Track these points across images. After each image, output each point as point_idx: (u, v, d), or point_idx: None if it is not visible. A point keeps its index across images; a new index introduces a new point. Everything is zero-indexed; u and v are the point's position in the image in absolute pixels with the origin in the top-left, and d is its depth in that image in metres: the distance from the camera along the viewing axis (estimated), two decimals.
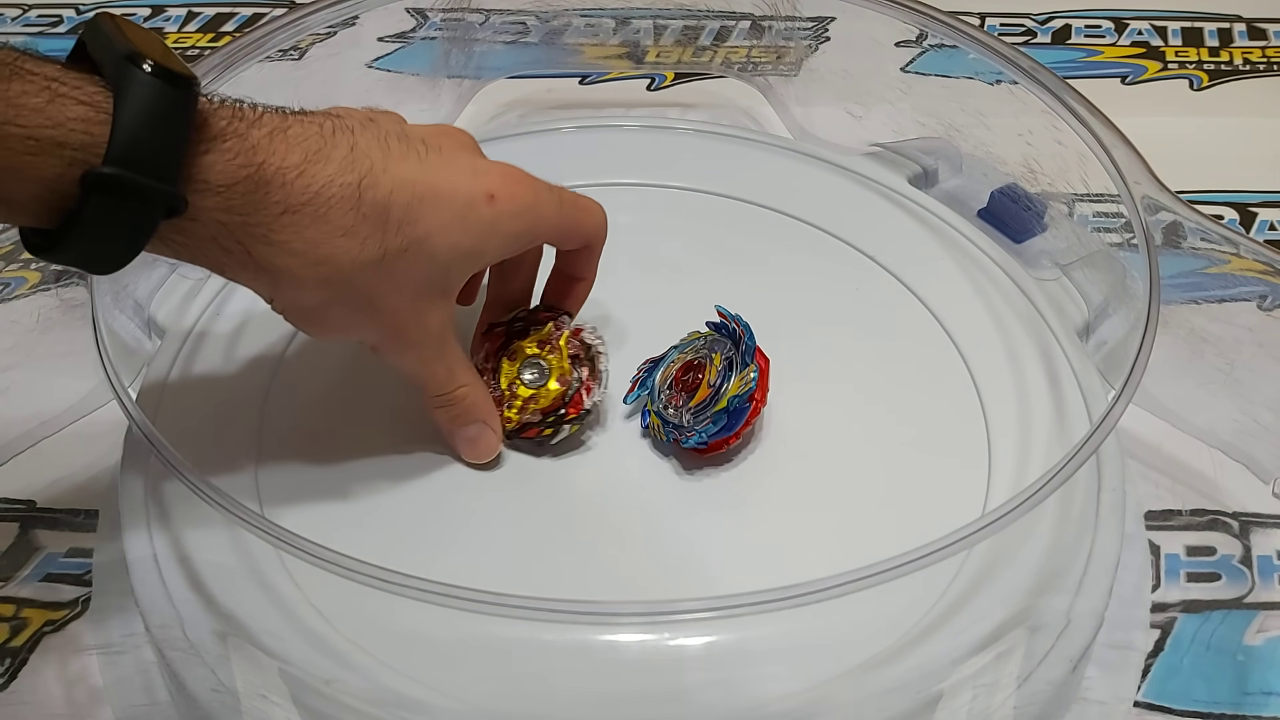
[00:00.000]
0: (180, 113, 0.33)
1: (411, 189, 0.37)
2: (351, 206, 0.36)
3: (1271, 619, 0.44)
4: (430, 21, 0.66)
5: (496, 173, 0.40)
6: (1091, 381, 0.46)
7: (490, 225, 0.39)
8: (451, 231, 0.38)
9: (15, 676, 0.42)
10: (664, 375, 0.44)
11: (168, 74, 0.33)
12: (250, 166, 0.34)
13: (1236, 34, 0.74)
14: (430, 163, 0.38)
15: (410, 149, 0.38)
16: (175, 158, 0.33)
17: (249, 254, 0.36)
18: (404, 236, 0.37)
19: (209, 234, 0.35)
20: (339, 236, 0.36)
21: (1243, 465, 0.47)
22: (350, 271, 0.37)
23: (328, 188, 0.36)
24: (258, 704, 0.38)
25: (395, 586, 0.33)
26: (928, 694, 0.37)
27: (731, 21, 0.67)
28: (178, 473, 0.36)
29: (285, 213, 0.35)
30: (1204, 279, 0.47)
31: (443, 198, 0.38)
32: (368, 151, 0.37)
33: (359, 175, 0.36)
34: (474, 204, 0.38)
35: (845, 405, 0.46)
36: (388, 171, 0.37)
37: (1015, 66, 0.51)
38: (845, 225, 0.53)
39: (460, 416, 0.42)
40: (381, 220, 0.37)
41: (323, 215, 0.36)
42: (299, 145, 0.36)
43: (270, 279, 0.37)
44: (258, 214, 0.35)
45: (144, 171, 0.32)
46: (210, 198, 0.34)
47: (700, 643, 0.38)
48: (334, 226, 0.36)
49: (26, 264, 0.54)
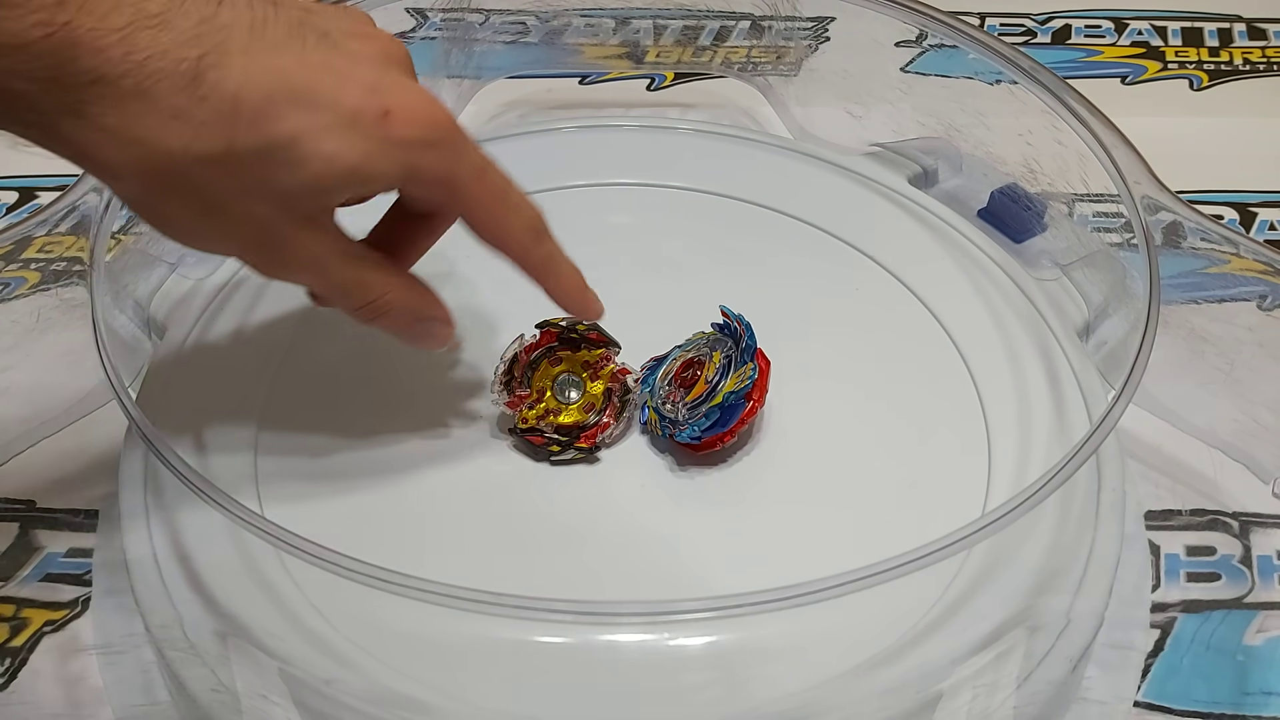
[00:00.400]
0: None
1: (276, 80, 0.31)
2: (185, 85, 0.31)
3: (1271, 619, 0.44)
4: (430, 21, 0.66)
5: (403, 93, 0.33)
6: (1091, 381, 0.46)
7: (381, 144, 0.33)
8: (328, 139, 0.32)
9: (15, 676, 0.42)
10: (665, 372, 0.44)
11: None
12: (53, 26, 0.29)
13: (1236, 34, 0.74)
14: (315, 58, 0.32)
15: (294, 38, 0.32)
16: None
17: (55, 126, 0.31)
18: (261, 134, 0.31)
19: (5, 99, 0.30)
20: (165, 117, 0.31)
21: (1243, 465, 0.47)
22: (183, 162, 0.31)
23: (155, 59, 0.30)
24: (258, 704, 0.38)
25: (395, 586, 0.33)
26: (928, 694, 0.37)
27: (731, 21, 0.67)
28: (178, 473, 0.36)
29: (96, 82, 0.30)
30: (1204, 279, 0.47)
31: (320, 100, 0.32)
32: (228, 26, 0.31)
33: (203, 50, 0.31)
34: (360, 116, 0.32)
35: (845, 405, 0.46)
36: (248, 54, 0.31)
37: (1015, 66, 0.51)
38: (845, 225, 0.53)
39: (397, 321, 0.37)
40: (228, 108, 0.31)
41: (145, 90, 0.30)
42: (129, 7, 0.30)
43: (82, 158, 0.32)
44: (60, 82, 0.30)
45: None
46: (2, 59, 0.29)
47: (700, 643, 0.38)
48: (158, 105, 0.31)
49: (26, 264, 0.54)
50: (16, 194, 0.62)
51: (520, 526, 0.41)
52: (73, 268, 0.52)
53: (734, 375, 0.42)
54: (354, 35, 0.34)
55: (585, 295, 0.40)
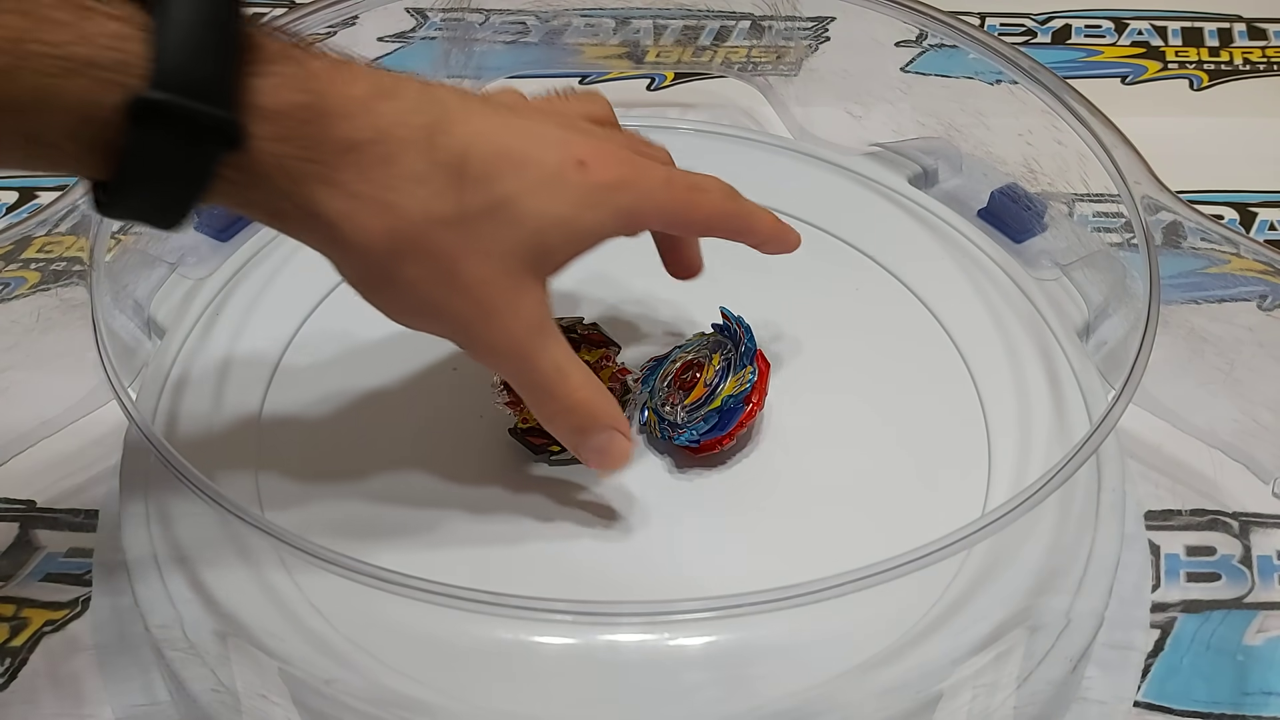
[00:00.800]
0: (229, 25, 0.29)
1: (492, 142, 0.33)
2: (423, 150, 0.32)
3: (1271, 619, 0.44)
4: (430, 21, 0.66)
5: (591, 143, 0.36)
6: (1091, 381, 0.46)
7: (585, 194, 0.34)
8: (540, 196, 0.34)
9: (15, 676, 0.42)
10: (664, 373, 0.44)
11: None
12: (309, 94, 0.31)
13: (1236, 34, 0.74)
14: (514, 124, 0.34)
15: (490, 108, 0.34)
16: (228, 76, 0.29)
17: (309, 197, 0.32)
18: (484, 195, 0.33)
19: (264, 170, 0.31)
20: (409, 181, 0.32)
21: (1243, 465, 0.47)
22: (423, 224, 0.32)
23: (396, 127, 0.32)
24: (258, 704, 0.38)
25: (395, 586, 0.33)
26: (928, 694, 0.37)
27: (731, 21, 0.67)
28: (178, 473, 0.36)
29: (348, 150, 0.31)
30: (1204, 279, 0.47)
31: (528, 160, 0.34)
32: (442, 97, 0.33)
33: (432, 117, 0.32)
34: (562, 169, 0.34)
35: (845, 405, 0.46)
36: (466, 120, 0.33)
37: (1015, 66, 0.51)
38: (845, 225, 0.53)
39: (583, 425, 0.37)
40: (457, 171, 0.33)
41: (391, 156, 0.32)
42: (364, 78, 0.32)
43: (331, 231, 0.32)
44: (317, 149, 0.31)
45: (193, 94, 0.29)
46: (264, 125, 0.30)
47: (700, 643, 0.38)
48: (403, 170, 0.32)
49: (26, 264, 0.54)
50: (16, 194, 0.62)
51: (520, 527, 0.41)
52: (73, 268, 0.52)
53: (733, 378, 0.42)
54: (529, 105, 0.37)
55: (782, 229, 0.42)
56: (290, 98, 0.30)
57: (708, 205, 0.39)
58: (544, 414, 0.38)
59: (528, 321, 0.35)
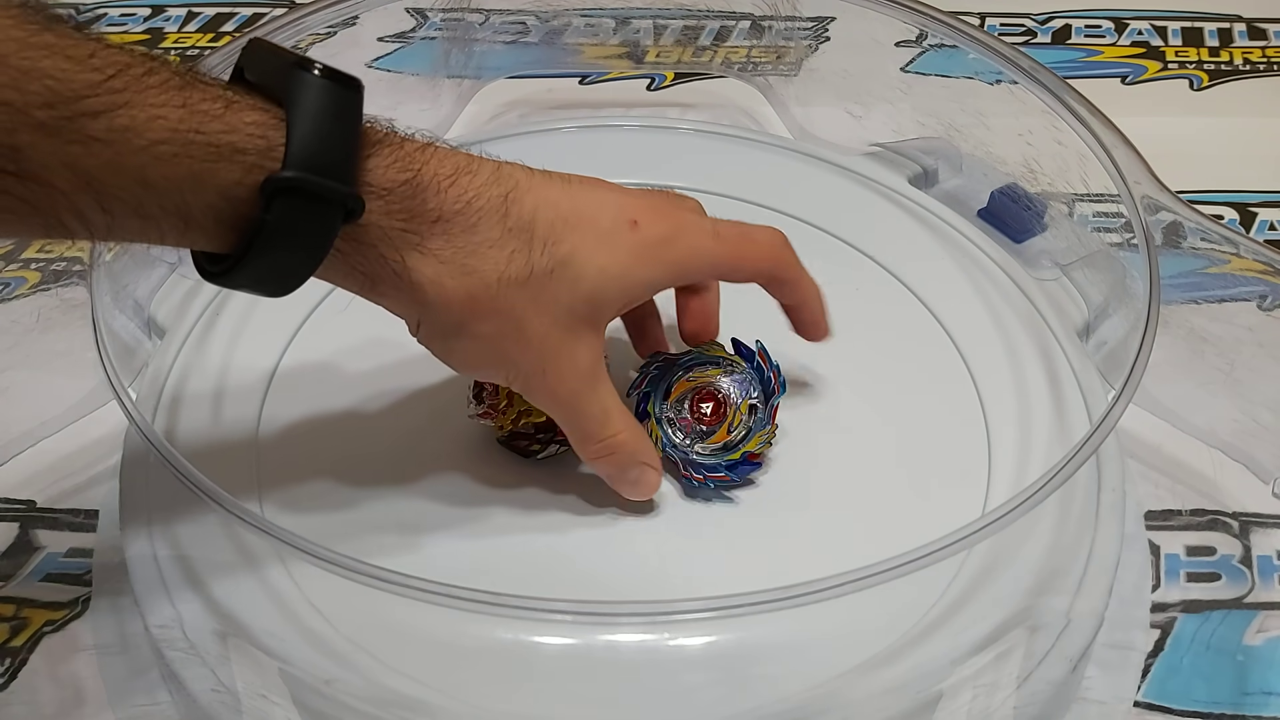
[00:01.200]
0: (351, 113, 0.34)
1: (555, 208, 0.37)
2: (499, 219, 0.36)
3: (1271, 619, 0.44)
4: (430, 21, 0.66)
5: (642, 203, 0.39)
6: (1091, 381, 0.46)
7: (637, 250, 0.38)
8: (597, 253, 0.38)
9: (15, 676, 0.42)
10: (678, 390, 0.43)
11: (336, 75, 0.33)
12: (409, 171, 0.35)
13: (1236, 34, 0.74)
14: (573, 189, 0.38)
15: (551, 178, 0.38)
16: (351, 158, 0.33)
17: (404, 263, 0.35)
18: (550, 255, 0.37)
19: (371, 240, 0.35)
20: (488, 248, 0.36)
21: (1243, 465, 0.47)
22: (497, 286, 0.36)
23: (477, 198, 0.36)
24: (258, 704, 0.38)
25: (395, 586, 0.33)
26: (928, 694, 0.37)
27: (731, 21, 0.67)
28: (178, 473, 0.36)
29: (439, 220, 0.35)
30: (1204, 279, 0.47)
31: (585, 220, 0.38)
32: (511, 171, 0.37)
33: (505, 189, 0.36)
34: (617, 228, 0.38)
35: (845, 405, 0.46)
36: (532, 190, 0.37)
37: (1015, 66, 0.51)
38: (845, 225, 0.53)
39: (622, 463, 0.41)
40: (527, 235, 0.37)
41: (473, 225, 0.36)
42: (449, 158, 0.36)
43: (419, 293, 0.36)
44: (414, 220, 0.35)
45: (323, 173, 0.33)
46: (376, 200, 0.34)
47: (700, 643, 0.38)
48: (483, 237, 0.36)
49: (26, 264, 0.54)
50: None
51: (521, 527, 0.41)
52: (73, 268, 0.52)
53: (758, 436, 0.42)
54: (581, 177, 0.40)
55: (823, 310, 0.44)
56: (396, 176, 0.35)
57: (755, 252, 0.42)
58: (586, 452, 0.40)
59: (582, 369, 0.39)
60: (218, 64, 0.49)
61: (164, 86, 0.31)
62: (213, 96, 0.32)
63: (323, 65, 0.33)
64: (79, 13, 0.76)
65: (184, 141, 0.31)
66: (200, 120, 0.31)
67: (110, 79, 0.30)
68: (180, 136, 0.31)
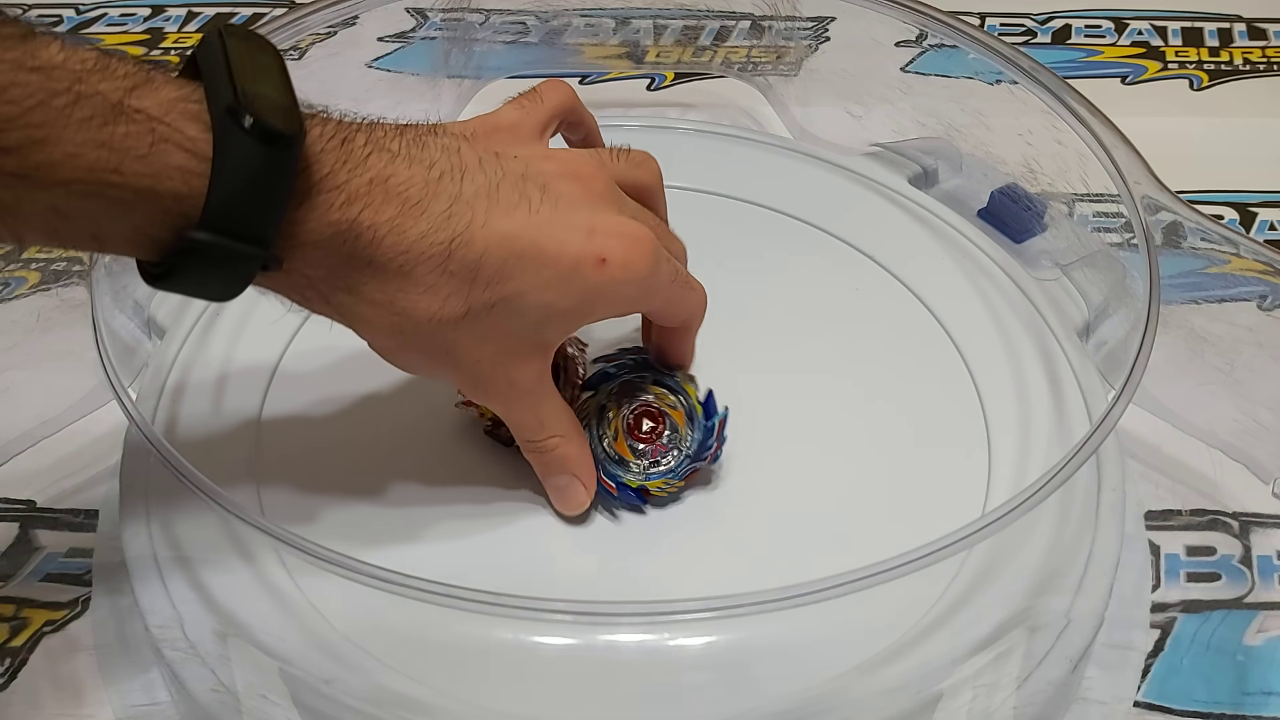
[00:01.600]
0: (281, 175, 0.32)
1: (510, 245, 0.35)
2: (438, 265, 0.35)
3: (1271, 619, 0.44)
4: (430, 21, 0.66)
5: (616, 234, 0.37)
6: (1091, 381, 0.46)
7: (595, 290, 0.37)
8: (547, 292, 0.36)
9: (15, 676, 0.42)
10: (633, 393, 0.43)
11: (269, 134, 0.31)
12: (343, 223, 0.33)
13: (1236, 34, 0.74)
14: (541, 216, 0.36)
15: (523, 198, 0.36)
16: (273, 220, 0.32)
17: (327, 300, 0.35)
18: (493, 292, 0.36)
19: (293, 283, 0.35)
20: (420, 292, 0.35)
21: (1243, 465, 0.47)
22: (427, 326, 0.36)
23: (417, 244, 0.34)
24: (258, 704, 0.38)
25: (395, 586, 0.33)
26: (928, 694, 0.37)
27: (731, 21, 0.67)
28: (178, 473, 0.36)
29: (370, 266, 0.34)
30: (1204, 279, 0.47)
31: (545, 257, 0.36)
32: (471, 204, 0.35)
33: (453, 234, 0.35)
34: (580, 267, 0.36)
35: (844, 405, 0.46)
36: (487, 226, 0.35)
37: (1015, 66, 0.51)
38: (845, 225, 0.53)
39: (549, 465, 0.40)
40: (469, 277, 0.35)
41: (408, 272, 0.35)
42: (397, 196, 0.34)
43: (345, 321, 0.36)
44: (343, 270, 0.34)
45: (240, 236, 0.32)
46: (298, 256, 0.34)
47: (700, 643, 0.38)
48: (417, 283, 0.35)
49: (26, 264, 0.54)
50: None
51: (521, 527, 0.41)
52: (73, 268, 0.52)
53: (661, 480, 0.41)
54: (564, 176, 0.38)
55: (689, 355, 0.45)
56: (326, 229, 0.33)
57: (693, 302, 0.42)
58: (521, 448, 0.41)
59: (521, 387, 0.39)
60: None
61: (87, 122, 0.30)
62: (142, 131, 0.30)
63: (253, 120, 0.31)
64: (79, 13, 0.75)
65: (100, 181, 0.30)
66: (120, 159, 0.30)
67: (29, 112, 0.29)
68: (96, 176, 0.30)
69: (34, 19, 0.31)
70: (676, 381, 0.43)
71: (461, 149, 0.36)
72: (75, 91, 0.30)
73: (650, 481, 0.41)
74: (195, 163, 0.31)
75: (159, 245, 0.32)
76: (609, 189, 0.39)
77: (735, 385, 0.44)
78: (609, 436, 0.42)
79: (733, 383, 0.44)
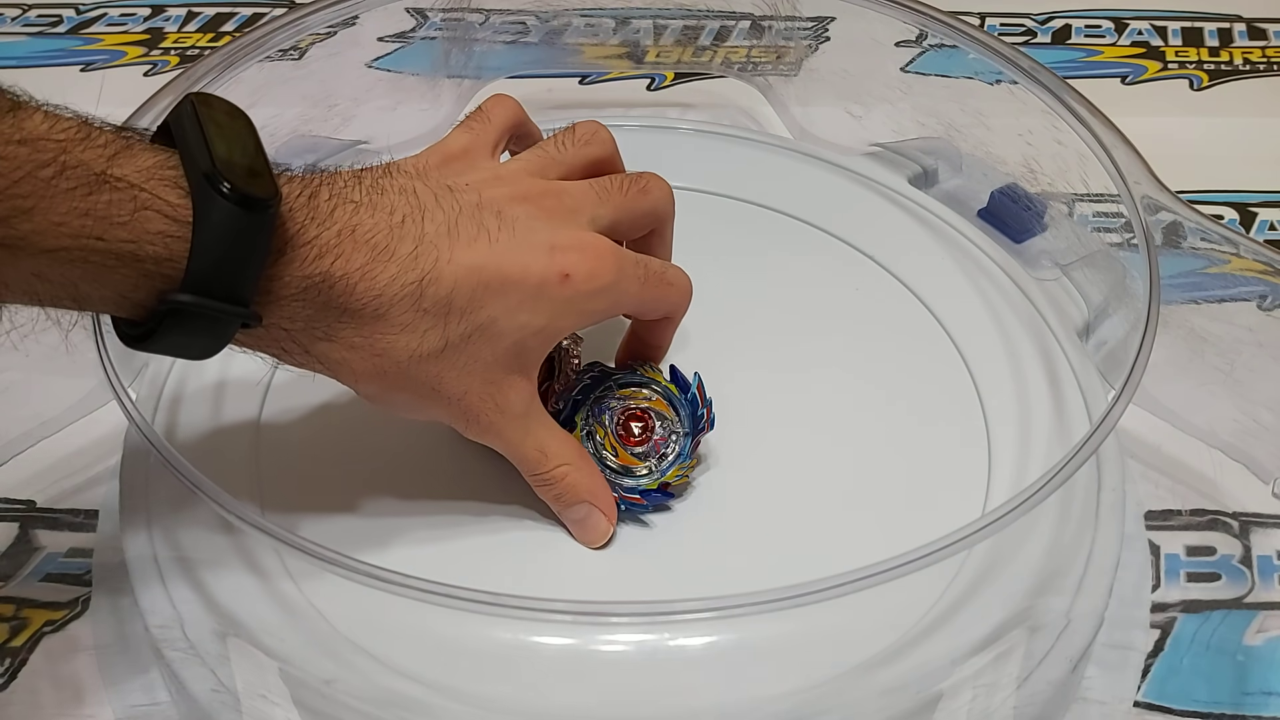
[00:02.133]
0: (258, 237, 0.33)
1: (477, 276, 0.36)
2: (411, 304, 0.36)
3: (1271, 619, 0.44)
4: (430, 21, 0.66)
5: (575, 249, 0.38)
6: (1091, 381, 0.46)
7: (564, 304, 0.38)
8: (519, 313, 0.37)
9: (15, 676, 0.42)
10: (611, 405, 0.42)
11: (246, 199, 0.32)
12: (317, 275, 0.34)
13: (1236, 34, 0.74)
14: (501, 244, 0.37)
15: (481, 229, 0.37)
16: (251, 281, 0.33)
17: (308, 351, 0.36)
18: (468, 323, 0.37)
19: (274, 336, 0.35)
20: (398, 332, 0.36)
21: (1243, 465, 0.47)
22: (408, 364, 0.36)
23: (389, 287, 0.35)
24: (258, 704, 0.38)
25: (395, 586, 0.33)
26: (928, 694, 0.37)
27: (731, 21, 0.67)
28: (177, 473, 0.36)
29: (346, 313, 0.35)
30: (1204, 279, 0.47)
31: (511, 282, 0.37)
32: (434, 242, 0.36)
33: (421, 273, 0.36)
34: (545, 285, 0.37)
35: (845, 405, 0.46)
36: (453, 262, 0.36)
37: (1015, 66, 0.51)
38: (845, 225, 0.53)
39: (562, 497, 0.40)
40: (443, 313, 0.36)
41: (383, 315, 0.35)
42: (365, 244, 0.35)
43: (327, 370, 0.37)
44: (320, 319, 0.35)
45: (220, 296, 0.33)
46: (276, 310, 0.34)
47: (700, 643, 0.38)
48: (392, 323, 0.36)
49: None
50: None
51: (521, 527, 0.41)
52: None
53: (678, 467, 0.42)
54: (516, 200, 0.39)
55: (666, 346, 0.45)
56: (301, 282, 0.34)
57: (671, 296, 0.42)
58: (532, 485, 0.41)
59: (511, 413, 0.39)
60: (216, 63, 0.49)
61: (72, 193, 0.30)
62: (125, 199, 0.31)
63: (230, 186, 0.32)
64: (79, 13, 0.75)
65: (84, 248, 0.31)
66: (104, 227, 0.31)
67: (16, 184, 0.30)
68: (80, 243, 0.31)
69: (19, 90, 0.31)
70: (638, 375, 0.43)
71: (417, 189, 0.37)
72: (60, 162, 0.30)
73: (667, 475, 0.41)
74: (175, 227, 0.32)
75: (140, 307, 0.33)
76: (560, 205, 0.40)
77: (735, 385, 0.44)
78: (608, 454, 0.42)
79: (733, 382, 0.44)
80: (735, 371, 0.45)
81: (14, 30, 0.74)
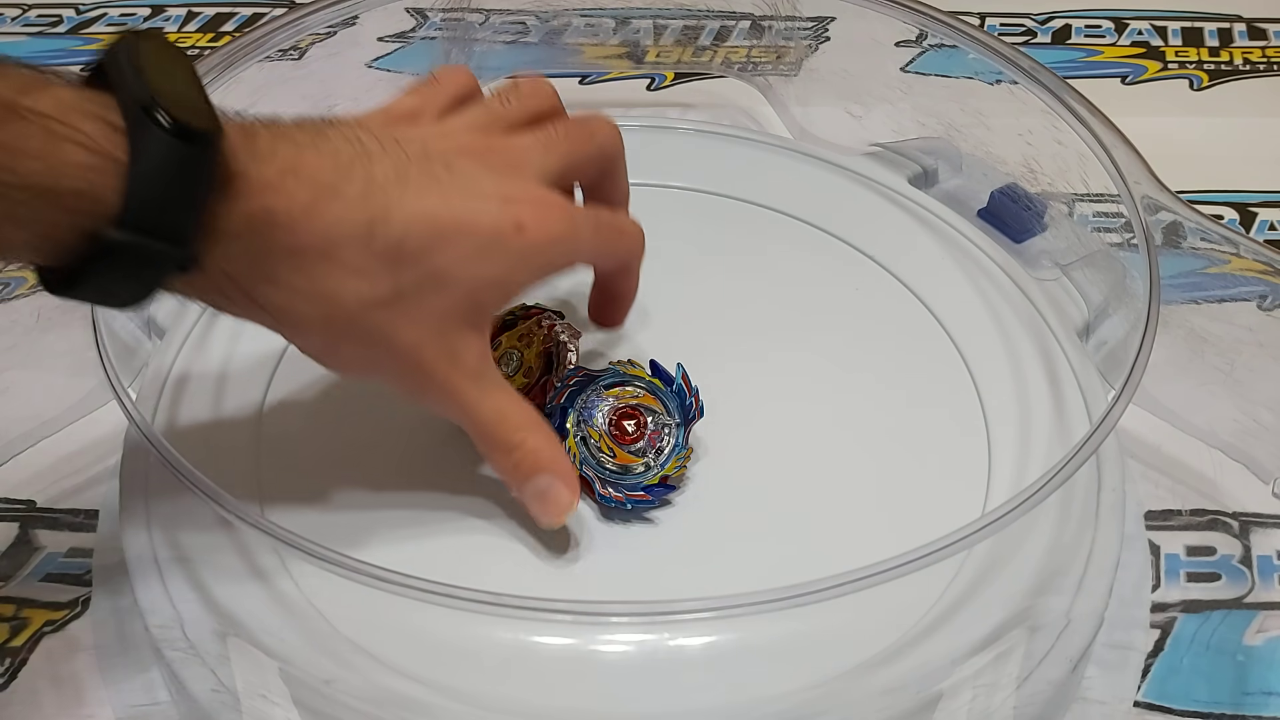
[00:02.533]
0: (199, 171, 0.31)
1: (430, 223, 0.35)
2: (361, 246, 0.34)
3: (1271, 619, 0.44)
4: (430, 21, 0.66)
5: (528, 200, 0.37)
6: (1091, 381, 0.46)
7: (519, 256, 0.37)
8: (472, 263, 0.36)
9: (15, 676, 0.42)
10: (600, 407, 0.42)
11: (186, 131, 0.31)
12: (259, 212, 0.33)
13: (1236, 34, 0.74)
14: (453, 193, 0.36)
15: (431, 178, 0.36)
16: (190, 218, 0.31)
17: (253, 292, 0.34)
18: (419, 270, 0.35)
19: (213, 279, 0.34)
20: (347, 275, 0.34)
21: (1243, 465, 0.47)
22: (357, 310, 0.35)
23: (336, 225, 0.34)
24: (258, 704, 0.38)
25: (395, 586, 0.33)
26: (928, 694, 0.37)
27: (731, 21, 0.67)
28: (177, 473, 0.36)
29: (290, 254, 0.34)
30: (1204, 279, 0.47)
31: (465, 230, 0.36)
32: (384, 185, 0.35)
33: (371, 214, 0.34)
34: (500, 235, 0.36)
35: (844, 405, 0.46)
36: (403, 206, 0.35)
37: (1015, 66, 0.51)
38: (845, 225, 0.53)
39: (520, 465, 0.38)
40: (394, 258, 0.35)
41: (330, 254, 0.34)
42: (309, 181, 0.34)
43: (271, 318, 0.35)
44: (263, 259, 0.34)
45: (157, 235, 0.31)
46: (216, 248, 0.33)
47: (700, 643, 0.38)
48: (341, 265, 0.34)
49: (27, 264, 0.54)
50: None
51: (521, 527, 0.41)
52: None
53: (675, 459, 0.42)
54: (463, 153, 0.38)
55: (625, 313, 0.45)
56: (241, 219, 0.33)
57: (626, 245, 0.42)
58: (486, 455, 0.39)
59: (465, 370, 0.37)
60: (216, 63, 0.49)
61: None
62: (33, 130, 0.29)
63: (170, 117, 0.30)
64: (78, 13, 0.76)
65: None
66: (17, 159, 0.29)
67: None
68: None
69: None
70: (619, 373, 0.43)
71: (361, 137, 0.36)
72: None
73: (666, 468, 0.41)
74: (97, 160, 0.30)
75: (64, 249, 0.31)
76: (507, 159, 0.39)
77: (735, 385, 0.44)
78: (605, 456, 0.42)
79: (732, 382, 0.44)
80: (735, 371, 0.45)
81: (14, 30, 0.74)
